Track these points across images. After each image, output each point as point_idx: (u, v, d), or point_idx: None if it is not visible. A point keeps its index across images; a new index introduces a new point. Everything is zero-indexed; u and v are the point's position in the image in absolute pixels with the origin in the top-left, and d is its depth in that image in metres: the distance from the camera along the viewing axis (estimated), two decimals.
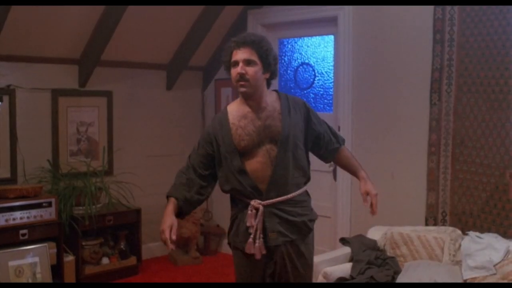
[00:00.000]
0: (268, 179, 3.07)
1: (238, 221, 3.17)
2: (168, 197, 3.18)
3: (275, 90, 3.26)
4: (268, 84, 3.17)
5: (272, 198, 3.08)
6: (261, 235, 3.07)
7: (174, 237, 2.97)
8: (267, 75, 3.11)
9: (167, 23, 5.60)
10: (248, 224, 3.07)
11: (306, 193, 3.28)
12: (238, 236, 3.16)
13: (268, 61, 3.06)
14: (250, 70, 3.02)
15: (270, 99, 3.15)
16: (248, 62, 3.02)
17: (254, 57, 3.03)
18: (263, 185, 3.08)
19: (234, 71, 3.04)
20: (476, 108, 4.43)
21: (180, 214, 3.16)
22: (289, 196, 3.12)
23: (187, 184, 3.17)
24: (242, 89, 3.05)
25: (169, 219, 3.04)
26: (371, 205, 3.20)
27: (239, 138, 3.07)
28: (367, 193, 3.23)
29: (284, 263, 3.14)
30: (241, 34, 3.16)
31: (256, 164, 3.07)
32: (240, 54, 3.03)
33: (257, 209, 3.06)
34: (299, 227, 3.17)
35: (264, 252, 3.09)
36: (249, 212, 3.07)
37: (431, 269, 3.90)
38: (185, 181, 3.18)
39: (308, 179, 3.26)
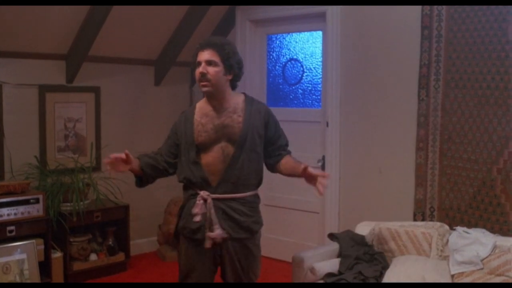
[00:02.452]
0: (220, 174, 3.25)
1: (186, 210, 3.33)
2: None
3: (243, 93, 3.44)
4: (233, 86, 3.35)
5: (221, 193, 3.25)
6: (210, 226, 3.25)
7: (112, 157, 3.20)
8: (230, 77, 3.28)
9: (155, 18, 5.58)
10: (193, 211, 3.23)
11: (257, 196, 3.42)
12: (186, 225, 3.32)
13: (230, 63, 3.23)
14: (211, 70, 3.20)
15: (235, 100, 3.34)
16: (209, 63, 3.21)
17: (216, 59, 3.21)
18: (214, 178, 3.25)
19: (197, 71, 3.24)
20: (464, 104, 4.45)
21: (140, 177, 3.42)
22: (238, 195, 3.27)
23: (153, 158, 3.42)
24: (204, 89, 3.25)
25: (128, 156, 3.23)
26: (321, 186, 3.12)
27: (198, 133, 3.28)
28: (323, 175, 3.15)
29: (231, 259, 3.32)
30: (208, 37, 3.43)
31: (210, 158, 3.26)
32: (203, 55, 3.23)
33: (205, 200, 3.23)
34: (243, 227, 3.30)
35: (209, 245, 3.25)
36: (197, 201, 3.24)
37: (419, 264, 3.91)
38: (153, 155, 3.44)
39: (260, 182, 3.41)
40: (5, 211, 4.74)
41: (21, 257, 4.79)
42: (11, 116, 5.21)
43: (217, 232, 3.23)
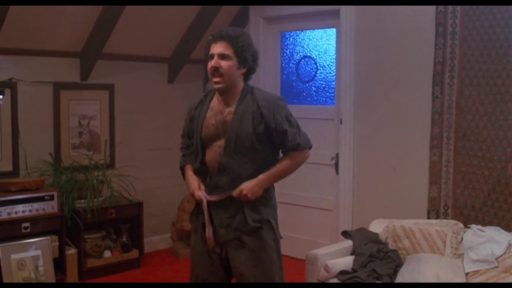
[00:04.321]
0: (214, 174, 3.13)
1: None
2: (182, 168, 3.37)
3: (245, 84, 3.23)
4: (247, 79, 3.20)
5: (217, 191, 3.12)
6: (211, 227, 3.14)
7: (204, 193, 3.12)
8: (243, 70, 3.14)
9: (168, 16, 5.59)
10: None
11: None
12: (197, 219, 3.25)
13: (244, 57, 3.09)
14: (224, 64, 3.06)
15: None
16: (222, 56, 3.06)
17: (229, 52, 3.06)
18: (212, 176, 3.15)
19: (209, 64, 3.10)
20: (478, 101, 4.42)
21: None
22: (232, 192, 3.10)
23: (193, 154, 3.29)
24: (216, 85, 3.10)
25: (194, 181, 3.19)
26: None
27: (202, 126, 3.17)
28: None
29: (238, 259, 3.16)
30: (221, 28, 3.19)
31: (209, 156, 3.16)
32: (216, 48, 3.08)
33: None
34: (244, 223, 3.13)
35: (213, 244, 3.16)
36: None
37: (433, 262, 3.90)
38: (190, 152, 3.32)
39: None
40: (20, 207, 4.77)
41: (36, 253, 4.83)
42: (26, 113, 5.24)
43: (208, 234, 3.13)
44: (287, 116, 3.15)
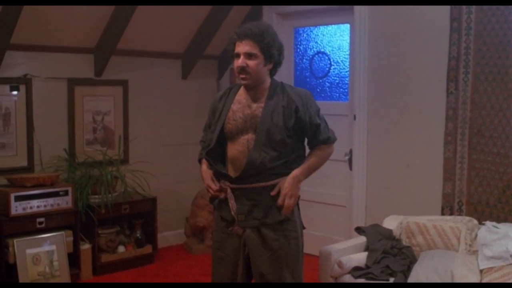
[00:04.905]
0: (240, 169, 3.10)
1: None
2: (200, 161, 3.35)
3: (272, 79, 3.22)
4: (273, 72, 3.19)
5: (243, 184, 3.10)
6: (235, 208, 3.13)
7: (217, 186, 3.14)
8: (270, 66, 3.13)
9: (182, 12, 5.59)
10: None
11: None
12: (220, 207, 3.24)
13: (270, 53, 3.07)
14: (251, 63, 3.04)
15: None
16: (249, 55, 3.04)
17: (256, 50, 3.04)
18: (234, 171, 3.14)
19: (236, 64, 3.08)
20: (493, 97, 4.39)
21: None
22: (261, 184, 3.09)
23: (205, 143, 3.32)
24: (244, 82, 3.11)
25: (208, 174, 3.21)
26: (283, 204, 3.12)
27: (228, 120, 3.16)
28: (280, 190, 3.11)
29: (259, 259, 3.15)
30: (245, 25, 3.16)
31: (234, 150, 3.14)
32: (242, 47, 3.06)
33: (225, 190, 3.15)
34: (267, 212, 3.12)
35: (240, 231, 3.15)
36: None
37: (447, 258, 3.88)
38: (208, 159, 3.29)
39: (288, 169, 3.14)
40: (35, 203, 4.80)
41: (50, 248, 4.86)
42: (40, 109, 5.27)
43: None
44: (318, 111, 3.19)
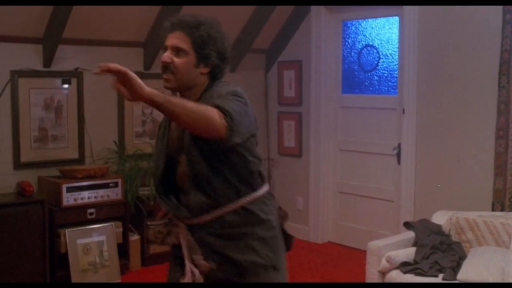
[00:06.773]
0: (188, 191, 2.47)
1: None
2: None
3: (212, 82, 2.47)
4: (214, 78, 2.46)
5: (187, 218, 2.55)
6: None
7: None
8: (205, 70, 2.41)
9: (229, 6, 5.60)
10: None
11: (245, 209, 2.42)
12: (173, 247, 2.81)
13: (204, 52, 2.38)
14: (177, 61, 2.38)
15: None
16: (176, 51, 2.39)
17: (185, 45, 2.38)
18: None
19: (161, 58, 2.43)
20: None
21: None
22: (200, 219, 2.47)
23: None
24: (165, 84, 2.42)
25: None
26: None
27: (168, 140, 2.54)
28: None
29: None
30: (183, 13, 2.62)
31: (178, 174, 2.50)
32: (170, 39, 2.43)
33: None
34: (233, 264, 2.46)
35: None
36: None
37: (498, 255, 3.82)
38: None
39: (239, 192, 2.41)
40: (86, 194, 4.90)
41: (100, 239, 4.95)
42: (91, 102, 5.36)
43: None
44: (231, 98, 2.30)
